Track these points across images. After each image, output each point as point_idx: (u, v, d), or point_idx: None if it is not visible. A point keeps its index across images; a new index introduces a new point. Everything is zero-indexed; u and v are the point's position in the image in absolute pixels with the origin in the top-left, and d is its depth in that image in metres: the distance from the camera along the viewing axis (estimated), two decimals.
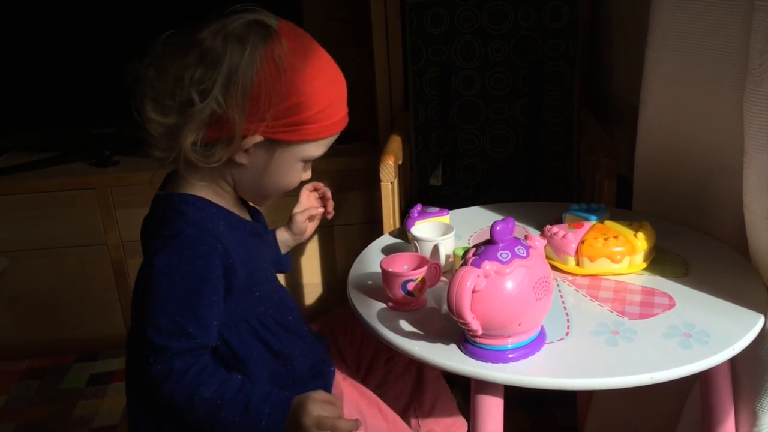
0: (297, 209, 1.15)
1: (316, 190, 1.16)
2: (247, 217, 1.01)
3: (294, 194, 1.12)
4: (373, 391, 1.12)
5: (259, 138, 0.88)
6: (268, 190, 0.96)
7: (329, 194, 1.16)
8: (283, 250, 1.16)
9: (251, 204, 1.04)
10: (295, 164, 0.93)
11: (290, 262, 1.19)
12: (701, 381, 1.06)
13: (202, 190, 0.93)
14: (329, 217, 1.17)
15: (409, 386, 1.16)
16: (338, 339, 1.17)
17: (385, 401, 1.09)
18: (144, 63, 0.88)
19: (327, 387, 1.03)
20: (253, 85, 0.85)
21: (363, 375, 1.16)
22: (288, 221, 1.15)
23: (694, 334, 0.90)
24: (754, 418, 1.05)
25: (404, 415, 1.14)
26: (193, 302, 0.87)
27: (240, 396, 0.87)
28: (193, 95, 0.85)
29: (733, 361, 1.02)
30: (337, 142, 0.97)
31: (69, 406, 1.82)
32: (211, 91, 0.84)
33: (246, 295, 0.95)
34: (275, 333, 0.99)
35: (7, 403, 1.86)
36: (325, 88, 0.89)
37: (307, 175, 0.98)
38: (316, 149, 0.93)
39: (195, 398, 0.86)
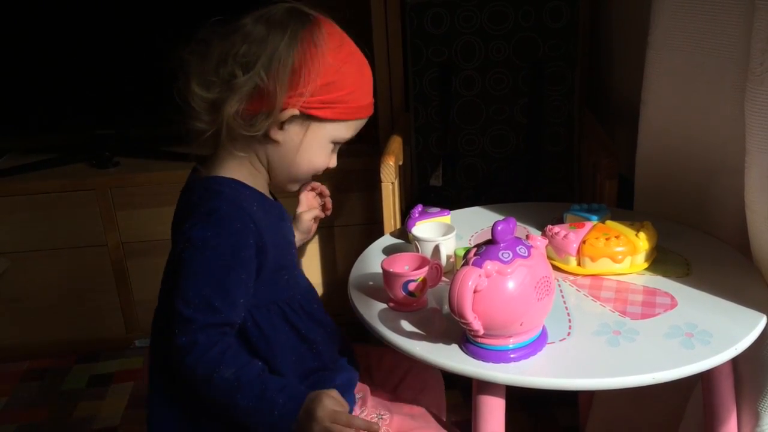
0: (300, 209, 1.16)
1: (313, 189, 1.17)
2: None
3: (294, 195, 1.13)
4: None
5: (296, 112, 0.92)
6: (300, 170, 0.98)
7: (327, 192, 1.18)
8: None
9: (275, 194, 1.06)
10: (326, 144, 0.97)
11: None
12: (703, 381, 1.06)
13: (237, 172, 0.96)
14: (328, 213, 1.19)
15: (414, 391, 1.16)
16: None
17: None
18: (188, 49, 0.92)
19: (353, 379, 1.05)
20: (293, 61, 0.90)
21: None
22: (294, 221, 1.16)
23: (696, 334, 0.90)
24: (756, 418, 1.05)
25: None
26: (223, 278, 0.89)
27: (257, 382, 0.89)
28: (237, 70, 0.90)
29: (735, 361, 1.02)
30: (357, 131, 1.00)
31: (69, 407, 1.82)
32: (254, 66, 0.89)
33: (275, 278, 0.98)
34: (302, 318, 1.01)
35: (8, 404, 1.85)
36: (356, 72, 0.95)
37: (333, 162, 1.01)
38: (347, 131, 0.97)
39: (214, 376, 0.87)
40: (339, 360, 1.05)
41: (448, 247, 1.10)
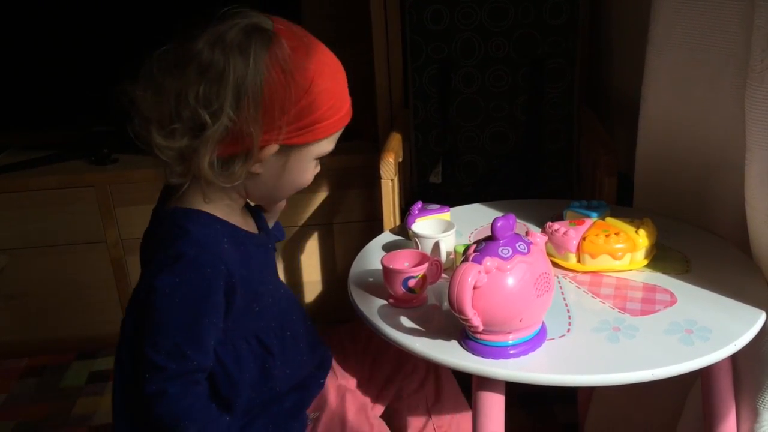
0: None
1: None
2: (252, 227, 1.00)
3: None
4: (391, 404, 1.12)
5: (275, 147, 0.87)
6: (283, 193, 0.96)
7: None
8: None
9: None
10: (309, 164, 0.93)
11: (282, 230, 1.14)
12: (702, 377, 1.06)
13: (211, 204, 0.91)
14: None
15: (426, 401, 1.15)
16: (346, 349, 1.17)
17: (402, 414, 1.10)
18: (139, 85, 0.84)
19: (306, 400, 1.03)
20: (263, 94, 0.83)
21: (379, 387, 1.15)
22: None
23: (695, 331, 0.90)
24: (755, 414, 1.05)
25: (423, 429, 1.14)
26: (194, 325, 0.87)
27: None
28: (204, 116, 0.82)
29: (734, 358, 1.02)
30: (338, 139, 0.97)
31: (69, 404, 1.82)
32: (222, 109, 0.82)
33: (245, 312, 0.94)
34: (271, 351, 0.98)
35: (7, 401, 1.85)
36: (330, 83, 0.89)
37: (317, 169, 0.97)
38: (328, 145, 0.94)
39: (180, 429, 0.87)
40: (295, 379, 1.03)
41: (448, 243, 1.10)
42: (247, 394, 0.96)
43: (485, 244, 0.84)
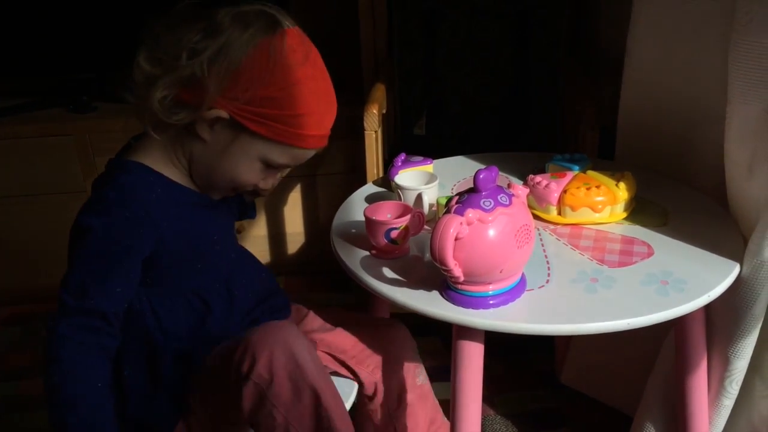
0: None
1: None
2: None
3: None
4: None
5: (224, 114, 0.87)
6: (219, 178, 0.94)
7: None
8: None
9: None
10: (253, 161, 0.91)
11: (254, 209, 1.14)
12: (676, 327, 1.08)
13: (152, 158, 0.93)
14: None
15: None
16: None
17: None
18: (159, 21, 0.88)
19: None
20: (240, 64, 0.85)
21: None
22: None
23: (671, 282, 0.92)
24: (726, 363, 1.08)
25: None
26: (103, 266, 0.87)
27: (93, 414, 0.86)
28: (182, 56, 0.86)
29: (708, 308, 1.05)
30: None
31: None
32: (199, 57, 0.85)
33: (184, 268, 0.95)
34: (212, 309, 0.98)
35: None
36: (309, 97, 0.89)
37: (267, 185, 0.96)
38: (280, 155, 0.91)
39: (57, 382, 0.85)
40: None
41: (431, 195, 1.11)
42: (176, 344, 0.96)
43: (467, 196, 0.85)
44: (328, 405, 0.91)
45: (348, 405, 1.02)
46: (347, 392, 1.08)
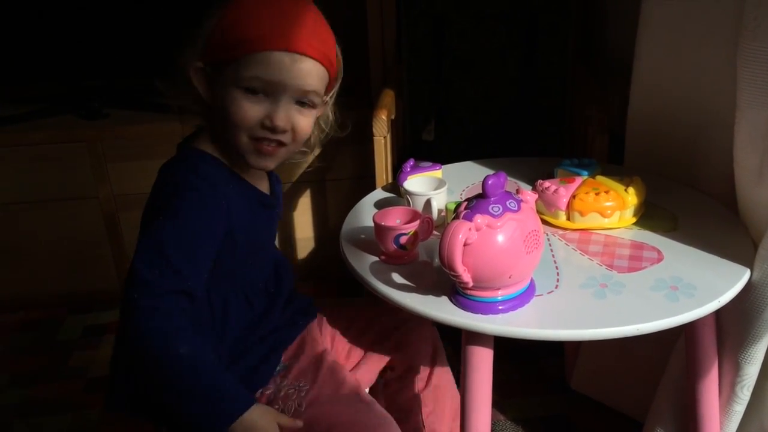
0: None
1: None
2: (265, 188, 1.02)
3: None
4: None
5: (199, 65, 0.91)
6: (230, 133, 0.92)
7: None
8: None
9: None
10: (233, 92, 0.89)
11: (281, 208, 1.14)
12: (686, 333, 1.08)
13: (208, 143, 0.95)
14: None
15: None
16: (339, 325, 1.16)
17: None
18: (208, 12, 0.93)
19: (279, 346, 1.04)
20: (212, 16, 0.91)
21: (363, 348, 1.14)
22: None
23: (680, 287, 0.92)
24: (737, 368, 1.07)
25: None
26: (194, 247, 0.87)
27: (211, 370, 0.84)
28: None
29: (718, 314, 1.04)
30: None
31: (64, 357, 1.84)
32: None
33: (241, 263, 0.97)
34: (254, 308, 1.01)
35: (2, 354, 1.87)
36: (247, 5, 0.90)
37: (275, 118, 0.90)
38: (245, 69, 0.88)
39: (169, 349, 0.81)
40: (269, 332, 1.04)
41: (440, 201, 1.11)
42: (228, 344, 0.97)
43: (476, 202, 0.85)
44: None
45: None
46: None
